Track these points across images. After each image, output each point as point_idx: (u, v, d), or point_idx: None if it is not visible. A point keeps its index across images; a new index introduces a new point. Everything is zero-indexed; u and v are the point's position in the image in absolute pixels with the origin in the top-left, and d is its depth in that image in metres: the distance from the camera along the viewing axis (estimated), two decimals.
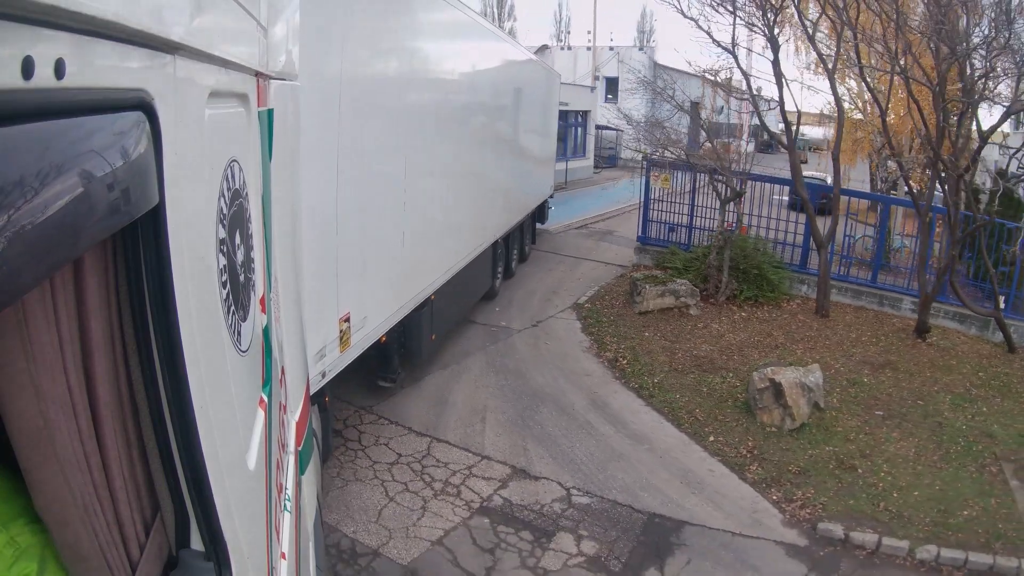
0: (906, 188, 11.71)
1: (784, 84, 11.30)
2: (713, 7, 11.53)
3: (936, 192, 10.89)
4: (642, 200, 13.67)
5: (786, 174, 12.39)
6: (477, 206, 9.74)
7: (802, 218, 12.31)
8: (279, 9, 3.77)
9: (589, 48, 34.09)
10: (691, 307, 10.89)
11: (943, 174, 9.97)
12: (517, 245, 13.11)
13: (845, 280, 12.24)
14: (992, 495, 6.78)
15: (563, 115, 21.47)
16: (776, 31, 11.14)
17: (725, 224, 11.52)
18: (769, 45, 11.13)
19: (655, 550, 5.91)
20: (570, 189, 24.21)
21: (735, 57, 11.71)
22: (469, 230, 9.29)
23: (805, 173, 12.62)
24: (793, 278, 12.07)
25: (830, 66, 11.05)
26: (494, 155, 10.61)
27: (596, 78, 32.42)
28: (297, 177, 4.17)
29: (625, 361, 9.59)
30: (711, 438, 7.72)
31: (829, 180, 14.71)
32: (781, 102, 11.40)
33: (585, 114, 28.07)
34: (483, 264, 10.46)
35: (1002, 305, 10.10)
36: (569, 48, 36.05)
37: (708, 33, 11.57)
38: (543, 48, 32.88)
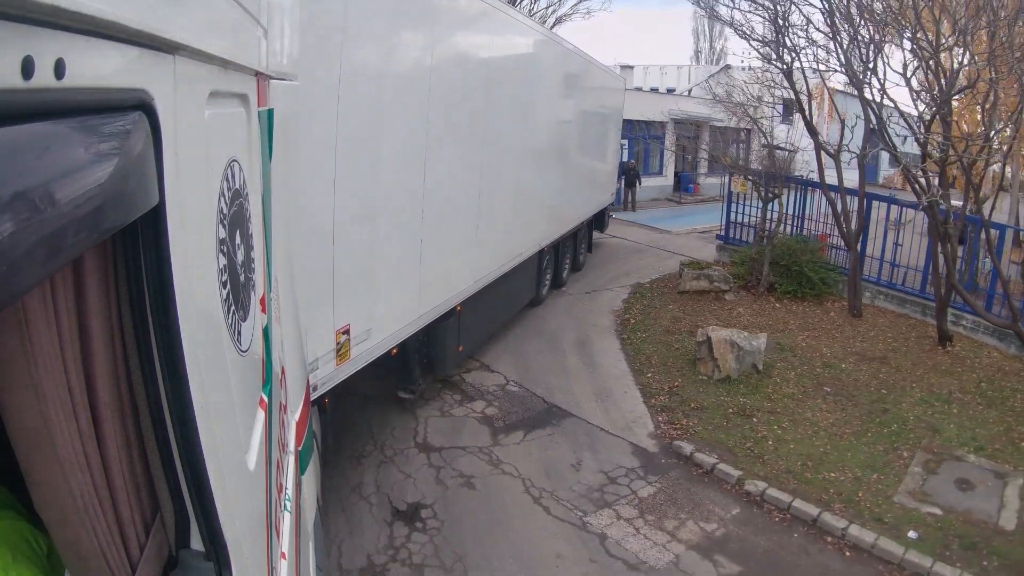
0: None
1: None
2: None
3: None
4: (725, 203, 14.98)
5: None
6: (516, 215, 9.04)
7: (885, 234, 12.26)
8: (279, 9, 3.77)
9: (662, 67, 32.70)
10: (727, 292, 11.92)
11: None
12: (570, 254, 12.54)
13: (892, 287, 11.99)
14: (879, 471, 6.96)
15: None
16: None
17: (766, 222, 12.69)
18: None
19: (533, 423, 7.66)
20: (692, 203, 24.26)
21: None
22: (505, 240, 8.69)
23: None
24: (872, 288, 12.22)
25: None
26: (537, 162, 9.88)
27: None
28: (293, 180, 4.13)
29: (633, 321, 10.97)
30: (648, 375, 9.04)
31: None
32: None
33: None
34: (526, 273, 9.94)
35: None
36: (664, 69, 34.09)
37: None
38: (625, 68, 29.95)
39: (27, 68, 0.68)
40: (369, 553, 5.34)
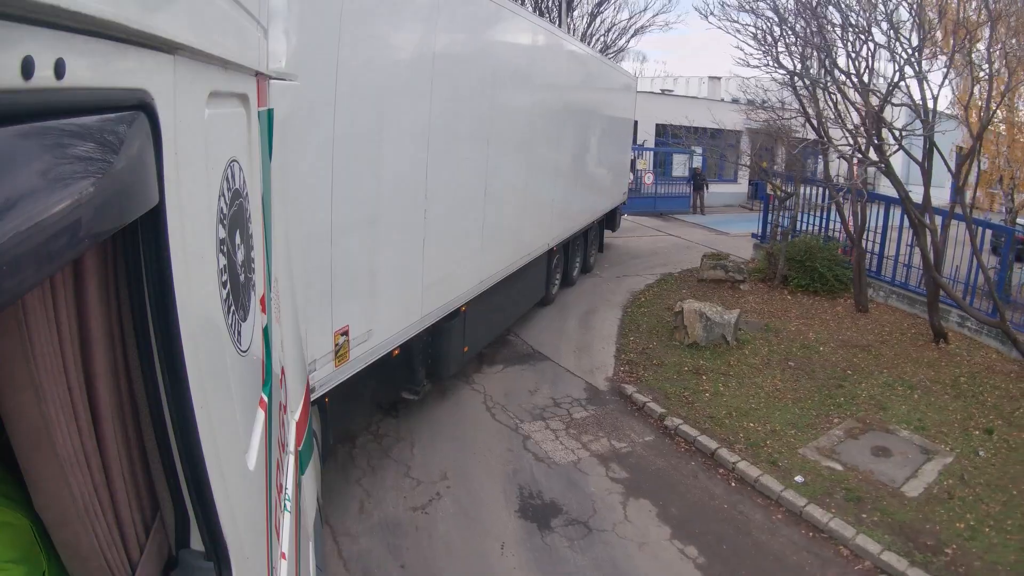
0: None
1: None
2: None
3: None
4: (763, 204, 15.74)
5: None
6: (523, 215, 8.98)
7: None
8: (279, 9, 3.77)
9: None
10: (741, 282, 12.73)
11: None
12: (580, 254, 12.59)
13: (904, 287, 12.07)
14: (799, 429, 7.53)
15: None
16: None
17: (780, 220, 13.94)
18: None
19: (514, 361, 9.05)
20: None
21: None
22: (512, 239, 8.63)
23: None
24: (874, 285, 12.59)
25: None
26: (544, 160, 9.78)
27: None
28: (292, 180, 4.11)
29: (643, 300, 12.00)
30: (630, 338, 10.13)
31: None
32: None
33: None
34: (535, 272, 9.93)
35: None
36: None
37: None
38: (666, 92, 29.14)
39: (27, 68, 0.68)
40: (350, 430, 6.64)
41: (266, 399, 2.04)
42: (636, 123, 24.10)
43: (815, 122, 11.78)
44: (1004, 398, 8.69)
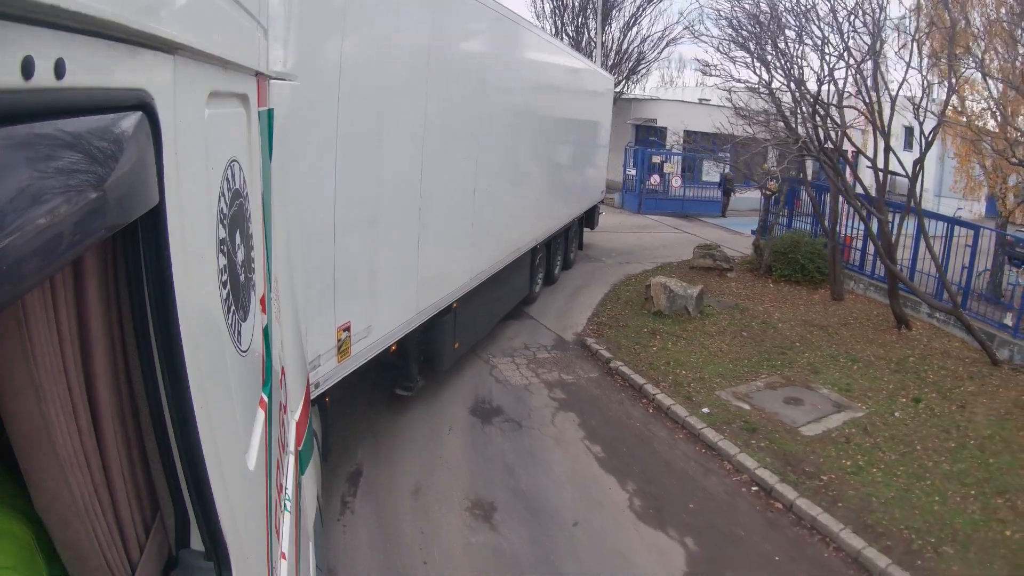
0: None
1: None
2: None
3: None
4: (762, 204, 16.73)
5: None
6: (509, 213, 9.20)
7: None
8: (282, 9, 3.77)
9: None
10: (729, 271, 13.68)
11: None
12: (561, 251, 12.87)
13: (883, 280, 12.18)
14: (726, 379, 8.55)
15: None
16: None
17: (767, 215, 15.22)
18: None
19: (503, 318, 9.84)
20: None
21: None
22: (500, 236, 8.81)
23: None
24: (855, 277, 13.36)
25: None
26: (528, 159, 10.02)
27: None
28: (293, 180, 4.13)
29: (633, 281, 12.96)
30: (608, 307, 11.37)
31: None
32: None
33: None
34: (519, 270, 10.06)
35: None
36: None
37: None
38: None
39: (27, 68, 0.68)
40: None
41: (266, 399, 2.04)
42: (665, 129, 24.41)
43: (781, 124, 12.35)
44: (948, 377, 9.03)
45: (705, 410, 7.60)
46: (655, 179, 22.04)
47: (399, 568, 5.02)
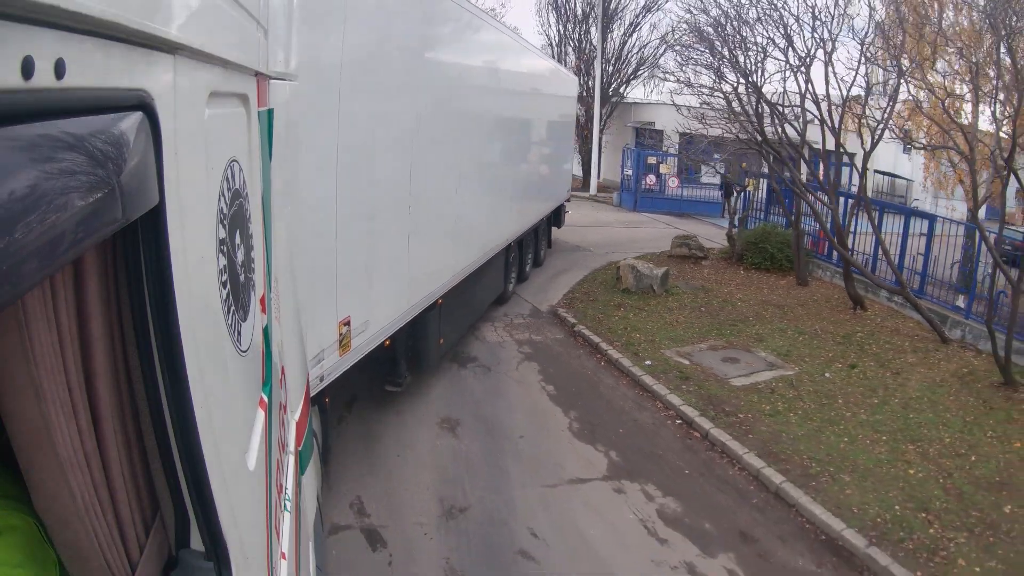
0: None
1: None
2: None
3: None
4: (742, 201, 17.57)
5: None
6: (487, 210, 9.58)
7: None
8: (279, 9, 3.77)
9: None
10: (704, 259, 14.76)
11: None
12: (532, 249, 13.21)
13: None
14: (675, 342, 9.68)
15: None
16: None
17: (734, 210, 16.24)
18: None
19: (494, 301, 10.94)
20: None
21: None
22: (479, 234, 9.14)
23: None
24: (823, 266, 14.17)
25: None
26: (504, 159, 10.43)
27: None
28: (295, 177, 4.15)
29: (612, 267, 13.48)
30: (584, 286, 12.64)
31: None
32: None
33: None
34: (495, 268, 10.38)
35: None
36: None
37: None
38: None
39: (27, 68, 0.67)
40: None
41: (266, 399, 2.04)
42: (662, 132, 24.68)
43: (744, 124, 12.85)
44: (891, 351, 9.54)
45: (648, 362, 8.86)
46: (651, 179, 22.32)
47: (377, 452, 6.45)
